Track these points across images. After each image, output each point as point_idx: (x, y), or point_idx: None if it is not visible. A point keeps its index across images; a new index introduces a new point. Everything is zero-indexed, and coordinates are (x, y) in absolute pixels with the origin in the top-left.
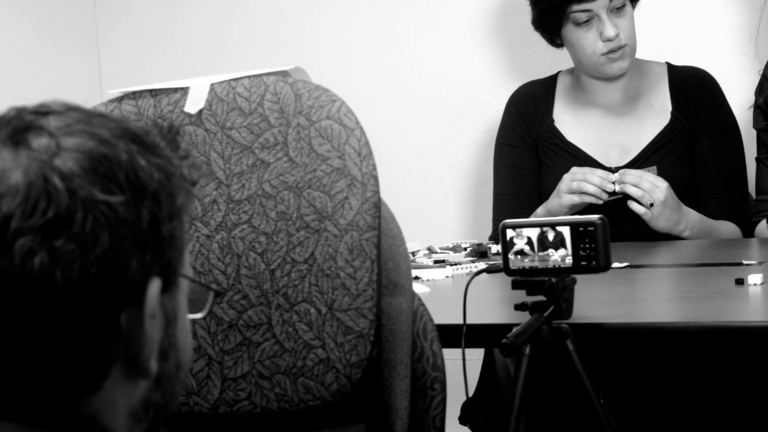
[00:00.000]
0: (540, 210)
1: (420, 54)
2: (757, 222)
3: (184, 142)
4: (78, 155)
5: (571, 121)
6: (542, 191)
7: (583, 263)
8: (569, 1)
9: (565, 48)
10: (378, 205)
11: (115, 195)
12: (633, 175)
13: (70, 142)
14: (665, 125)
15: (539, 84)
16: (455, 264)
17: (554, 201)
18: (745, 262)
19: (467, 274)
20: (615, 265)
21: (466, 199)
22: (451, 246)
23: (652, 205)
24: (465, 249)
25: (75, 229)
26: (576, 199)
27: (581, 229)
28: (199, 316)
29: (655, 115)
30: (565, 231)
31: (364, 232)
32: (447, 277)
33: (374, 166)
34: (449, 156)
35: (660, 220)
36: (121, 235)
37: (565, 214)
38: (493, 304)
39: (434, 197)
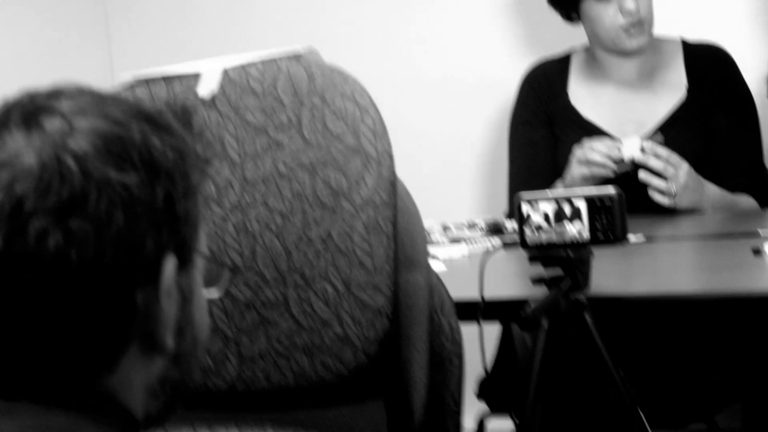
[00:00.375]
0: (559, 186)
1: (433, 33)
2: None
3: (196, 122)
4: (91, 136)
5: (586, 97)
6: (560, 168)
7: (599, 236)
8: None
9: (580, 24)
10: (394, 183)
11: (129, 174)
12: (657, 161)
13: (83, 123)
14: (680, 100)
15: (553, 62)
16: (470, 241)
17: (568, 175)
18: (761, 231)
19: (484, 252)
20: (631, 239)
21: (480, 179)
22: (465, 223)
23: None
24: (480, 228)
25: (89, 210)
26: (585, 170)
27: (598, 202)
28: (215, 294)
29: (671, 90)
30: (582, 204)
31: (380, 210)
32: (463, 256)
33: (389, 143)
34: (463, 135)
35: (682, 202)
36: (135, 214)
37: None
38: (509, 278)
39: (448, 177)
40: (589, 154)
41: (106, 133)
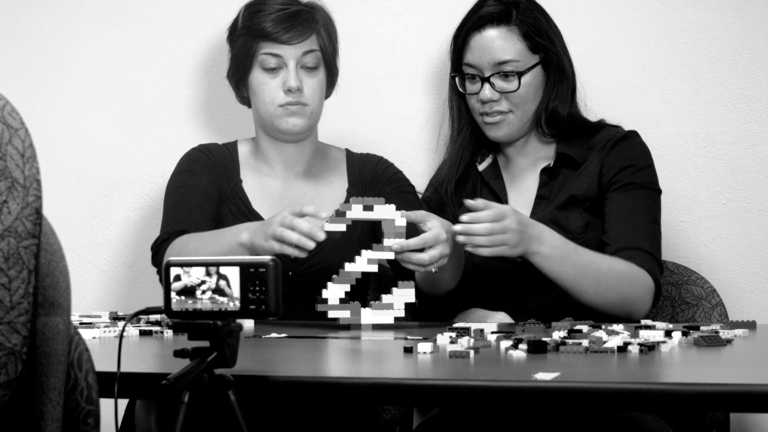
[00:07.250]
0: (216, 242)
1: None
2: None
3: None
4: None
5: (256, 188)
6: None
7: (252, 307)
8: (260, 41)
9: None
10: (40, 212)
11: None
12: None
13: None
14: (340, 201)
15: (218, 146)
16: (106, 326)
17: (252, 239)
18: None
19: (115, 337)
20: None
21: (110, 279)
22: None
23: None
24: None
25: None
26: (276, 247)
27: (251, 270)
28: None
29: (335, 191)
30: (234, 272)
31: (23, 239)
32: (94, 338)
33: (38, 169)
34: (96, 234)
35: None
36: None
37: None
38: (150, 353)
39: (79, 275)
40: (287, 235)
41: None
